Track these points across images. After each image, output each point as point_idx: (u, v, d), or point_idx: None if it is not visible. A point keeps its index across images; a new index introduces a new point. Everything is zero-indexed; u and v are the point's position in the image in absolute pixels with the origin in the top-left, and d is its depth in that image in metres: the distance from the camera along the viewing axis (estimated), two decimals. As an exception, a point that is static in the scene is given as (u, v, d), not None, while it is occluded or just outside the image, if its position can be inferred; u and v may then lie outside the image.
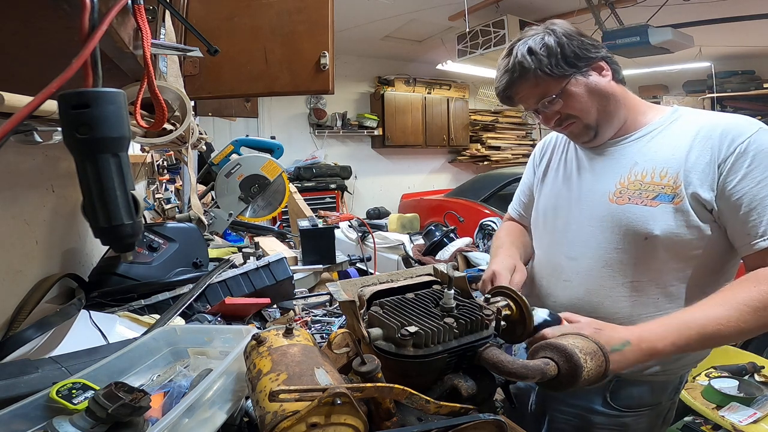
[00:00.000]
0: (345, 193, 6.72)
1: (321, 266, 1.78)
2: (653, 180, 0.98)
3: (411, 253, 3.01)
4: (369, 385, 0.58)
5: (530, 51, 1.00)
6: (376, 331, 0.71)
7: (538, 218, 1.22)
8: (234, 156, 1.96)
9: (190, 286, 1.28)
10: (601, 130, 1.05)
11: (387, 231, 3.84)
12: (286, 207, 2.15)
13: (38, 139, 0.70)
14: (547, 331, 0.81)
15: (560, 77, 1.00)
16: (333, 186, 6.47)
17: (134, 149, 2.50)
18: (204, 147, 1.94)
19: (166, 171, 2.95)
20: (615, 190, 1.03)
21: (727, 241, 0.95)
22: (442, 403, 0.63)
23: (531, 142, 8.54)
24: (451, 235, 3.05)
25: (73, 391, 0.65)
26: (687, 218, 0.93)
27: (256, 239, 2.15)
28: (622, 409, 1.04)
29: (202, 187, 2.14)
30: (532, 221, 1.25)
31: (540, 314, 0.86)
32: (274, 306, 1.42)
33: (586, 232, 1.06)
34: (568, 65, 1.00)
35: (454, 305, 0.74)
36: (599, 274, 1.02)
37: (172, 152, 2.73)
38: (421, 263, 2.85)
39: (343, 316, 1.29)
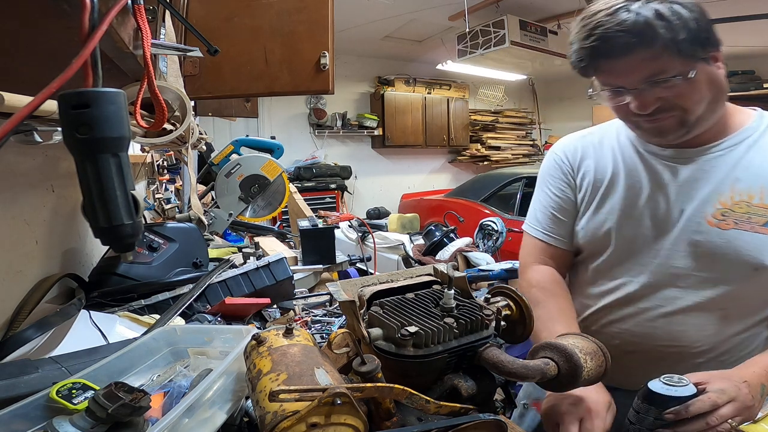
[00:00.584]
0: (345, 193, 6.72)
1: (321, 266, 1.78)
2: (762, 202, 0.84)
3: (411, 253, 3.01)
4: (369, 385, 0.58)
5: (660, 15, 0.79)
6: (376, 331, 0.71)
7: (598, 247, 1.01)
8: (234, 156, 1.96)
9: (190, 286, 1.28)
10: (693, 129, 0.88)
11: (387, 231, 3.84)
12: (286, 207, 2.15)
13: (38, 139, 0.70)
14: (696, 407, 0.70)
15: (689, 58, 0.81)
16: (333, 186, 6.47)
17: (134, 149, 2.50)
18: (204, 147, 1.94)
19: (166, 171, 2.95)
20: (715, 210, 0.87)
21: None
22: (442, 403, 0.63)
23: (531, 142, 8.55)
24: (451, 235, 3.05)
25: (73, 391, 0.65)
26: None
27: (256, 239, 2.15)
28: None
29: (202, 187, 2.14)
30: (585, 250, 1.05)
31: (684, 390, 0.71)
32: (274, 306, 1.42)
33: (673, 256, 0.91)
34: (702, 44, 0.81)
35: (454, 305, 0.74)
36: (685, 303, 0.90)
37: (172, 152, 2.73)
38: (421, 263, 2.85)
39: (343, 316, 1.29)
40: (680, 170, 0.92)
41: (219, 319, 1.22)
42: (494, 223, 3.13)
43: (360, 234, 2.91)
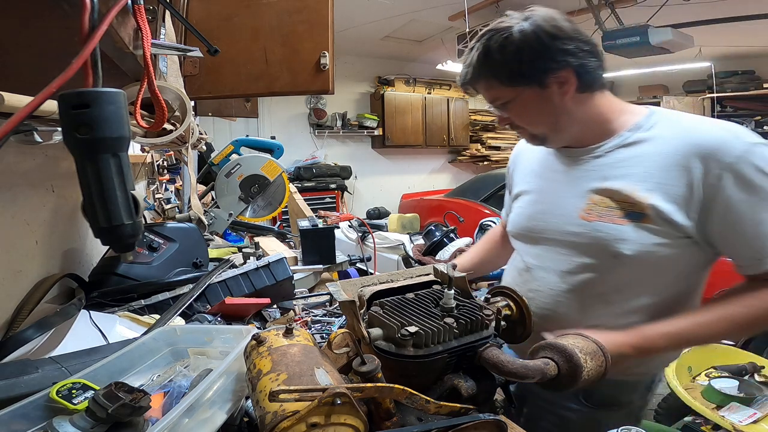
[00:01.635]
0: (345, 193, 6.72)
1: (321, 266, 1.78)
2: (623, 198, 0.93)
3: (411, 253, 3.01)
4: (369, 385, 0.58)
5: (487, 52, 0.92)
6: (376, 331, 0.71)
7: (514, 233, 1.16)
8: (234, 156, 1.96)
9: (190, 286, 1.28)
10: (549, 140, 1.02)
11: (387, 231, 3.84)
12: (286, 207, 2.15)
13: (38, 139, 0.70)
14: (547, 333, 0.82)
15: (510, 87, 0.94)
16: (333, 186, 6.47)
17: (134, 149, 2.50)
18: (204, 147, 1.94)
19: (166, 171, 2.95)
20: (585, 206, 0.97)
21: (698, 258, 0.94)
22: (442, 403, 0.63)
23: (531, 142, 8.53)
24: (451, 235, 3.05)
25: (73, 391, 0.65)
26: (657, 238, 0.89)
27: (256, 239, 2.15)
28: (592, 406, 1.04)
29: (202, 187, 2.14)
30: (510, 234, 1.20)
31: None
32: (274, 306, 1.42)
33: (556, 250, 1.03)
34: (522, 75, 0.92)
35: (454, 305, 0.74)
36: (567, 287, 1.00)
37: (172, 152, 2.73)
38: (421, 263, 2.85)
39: (343, 316, 1.29)
40: (570, 169, 1.04)
41: (219, 319, 1.22)
42: (494, 223, 3.13)
43: (360, 234, 2.91)
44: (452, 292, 0.74)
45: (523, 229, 1.11)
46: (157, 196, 2.64)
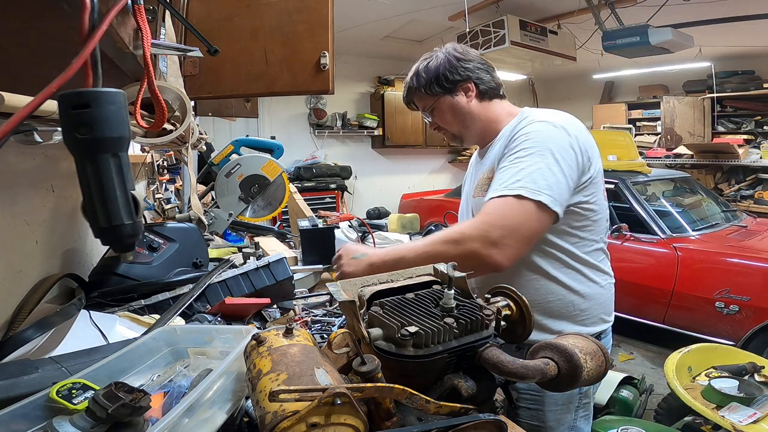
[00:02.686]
0: (345, 193, 6.72)
1: (321, 266, 1.78)
2: (487, 176, 1.23)
3: (411, 253, 3.00)
4: (369, 385, 0.58)
5: (417, 73, 1.31)
6: (376, 331, 0.71)
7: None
8: (234, 156, 1.96)
9: (190, 286, 1.28)
10: (464, 139, 1.36)
11: (387, 231, 3.84)
12: (286, 207, 2.15)
13: (38, 139, 0.70)
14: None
15: (432, 96, 1.29)
16: (333, 186, 6.47)
17: (134, 149, 2.50)
18: (204, 147, 1.94)
19: (166, 171, 2.95)
20: (474, 187, 1.31)
21: None
22: (442, 403, 0.63)
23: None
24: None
25: (73, 391, 0.65)
26: None
27: (256, 239, 2.15)
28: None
29: (202, 187, 2.14)
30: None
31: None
32: (274, 306, 1.42)
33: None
34: (439, 86, 1.27)
35: (454, 305, 0.74)
36: None
37: (172, 152, 2.73)
38: (421, 263, 2.83)
39: (343, 316, 1.29)
40: (478, 165, 1.39)
41: (219, 319, 1.22)
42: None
43: (360, 234, 2.90)
44: (452, 292, 0.74)
45: (461, 209, 1.48)
46: (157, 196, 2.64)
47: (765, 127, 6.12)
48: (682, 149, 6.15)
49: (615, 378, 2.53)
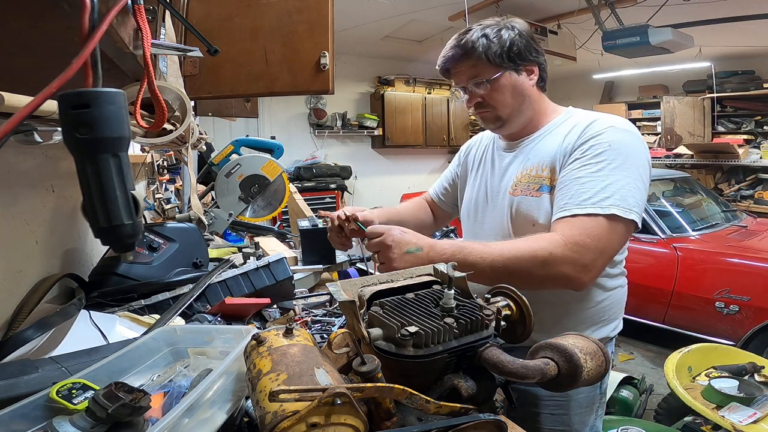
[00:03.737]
0: (345, 193, 6.72)
1: (321, 266, 1.78)
2: (538, 173, 1.14)
3: (411, 253, 2.99)
4: (369, 385, 0.58)
5: (485, 36, 1.13)
6: (376, 331, 0.71)
7: (463, 214, 1.39)
8: (234, 156, 1.96)
9: (190, 286, 1.28)
10: (508, 123, 1.20)
11: (387, 231, 3.83)
12: (286, 207, 2.15)
13: (38, 139, 0.70)
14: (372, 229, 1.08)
15: (497, 66, 1.13)
16: (333, 186, 6.47)
17: (134, 149, 2.50)
18: (204, 147, 1.94)
19: (166, 171, 2.95)
20: (512, 183, 1.19)
21: None
22: (442, 403, 0.63)
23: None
24: (451, 235, 3.05)
25: (73, 391, 0.65)
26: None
27: (256, 239, 2.15)
28: None
29: (202, 187, 2.14)
30: (460, 216, 1.42)
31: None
32: (274, 306, 1.42)
33: (495, 222, 1.22)
34: (510, 59, 1.13)
35: (454, 305, 0.74)
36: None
37: (172, 152, 2.73)
38: (421, 263, 2.83)
39: (343, 316, 1.29)
40: (505, 158, 1.26)
41: (219, 319, 1.22)
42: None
43: (360, 234, 2.90)
44: (452, 292, 0.74)
45: (474, 205, 1.32)
46: (157, 196, 2.64)
47: (765, 127, 6.12)
48: (682, 149, 6.15)
49: (615, 378, 2.54)
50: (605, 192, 1.00)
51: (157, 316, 1.13)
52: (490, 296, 0.85)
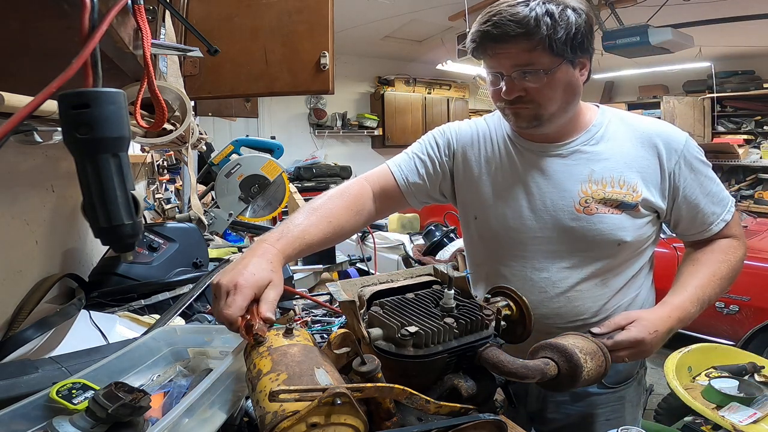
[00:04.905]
0: (345, 193, 6.71)
1: (321, 266, 1.78)
2: (614, 189, 1.01)
3: (411, 253, 3.01)
4: (369, 385, 0.58)
5: (549, 14, 0.88)
6: (376, 331, 0.71)
7: (483, 221, 1.11)
8: (234, 156, 1.96)
9: (190, 286, 1.28)
10: (546, 123, 1.00)
11: (387, 231, 3.84)
12: (286, 207, 2.15)
13: (38, 139, 0.70)
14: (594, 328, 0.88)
15: (556, 56, 0.91)
16: (333, 186, 6.47)
17: (134, 149, 2.50)
18: (204, 147, 1.94)
19: (166, 171, 2.94)
20: (579, 199, 1.01)
21: (657, 232, 1.10)
22: (442, 403, 0.63)
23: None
24: (451, 235, 3.05)
25: (73, 391, 0.65)
26: (645, 221, 1.04)
27: (256, 239, 2.14)
28: (615, 386, 1.12)
29: (202, 187, 2.14)
30: (471, 220, 1.15)
31: None
32: (274, 306, 1.41)
33: (553, 241, 1.04)
34: (572, 50, 0.92)
35: (454, 305, 0.74)
36: (575, 280, 1.05)
37: (172, 152, 2.73)
38: (421, 263, 2.85)
39: (343, 316, 1.29)
40: (549, 163, 1.05)
41: (219, 319, 1.22)
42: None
43: (360, 234, 2.91)
44: (452, 292, 0.74)
45: (510, 220, 1.06)
46: (157, 196, 2.64)
47: (765, 127, 6.13)
48: (682, 149, 6.15)
49: (615, 378, 2.53)
50: (725, 192, 1.08)
51: (157, 316, 1.13)
52: (490, 296, 0.85)
